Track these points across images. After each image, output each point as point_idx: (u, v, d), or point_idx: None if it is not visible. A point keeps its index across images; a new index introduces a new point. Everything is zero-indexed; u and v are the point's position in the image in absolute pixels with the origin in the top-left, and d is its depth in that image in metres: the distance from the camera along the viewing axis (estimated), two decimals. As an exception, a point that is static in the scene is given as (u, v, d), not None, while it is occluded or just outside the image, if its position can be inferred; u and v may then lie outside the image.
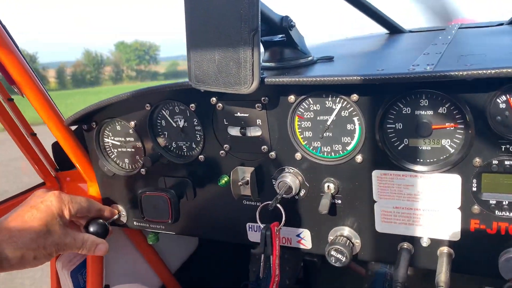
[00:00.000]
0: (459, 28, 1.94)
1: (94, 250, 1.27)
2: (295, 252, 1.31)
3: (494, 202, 1.00)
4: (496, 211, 1.00)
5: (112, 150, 1.48)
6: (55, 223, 1.17)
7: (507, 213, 0.99)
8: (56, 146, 1.61)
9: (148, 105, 1.31)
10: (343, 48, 1.74)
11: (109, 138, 1.46)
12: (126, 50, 48.73)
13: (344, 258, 1.13)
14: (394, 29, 2.12)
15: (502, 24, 1.96)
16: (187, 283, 2.13)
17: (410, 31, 2.13)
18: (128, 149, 1.45)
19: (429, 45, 1.39)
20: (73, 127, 1.52)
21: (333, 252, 1.13)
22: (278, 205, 1.16)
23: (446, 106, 0.98)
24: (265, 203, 1.21)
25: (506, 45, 1.32)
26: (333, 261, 1.14)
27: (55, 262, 1.64)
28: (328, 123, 1.11)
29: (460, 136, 1.00)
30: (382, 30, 2.14)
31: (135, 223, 1.53)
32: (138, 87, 1.29)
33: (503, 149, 0.96)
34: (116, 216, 1.49)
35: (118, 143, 1.45)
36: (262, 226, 1.18)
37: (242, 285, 2.16)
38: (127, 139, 1.43)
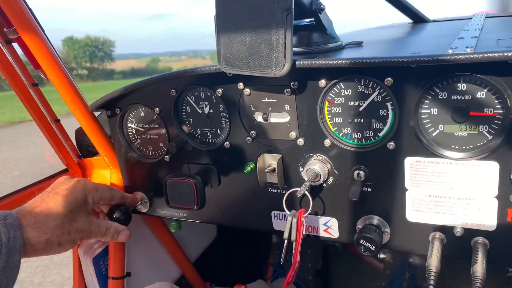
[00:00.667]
0: (486, 17, 1.89)
1: (117, 237, 1.27)
2: (318, 238, 1.29)
3: (534, 190, 0.96)
4: None
5: (136, 136, 1.47)
6: (79, 210, 1.17)
7: None
8: (79, 132, 1.60)
9: (173, 90, 1.30)
10: (369, 36, 1.71)
11: (133, 124, 1.45)
12: (75, 46, 44.67)
13: (374, 247, 1.10)
14: (418, 19, 2.08)
15: None
16: (206, 273, 2.13)
17: (434, 21, 2.09)
18: (152, 136, 1.43)
19: (460, 31, 1.35)
20: (97, 114, 1.52)
21: (362, 241, 1.11)
22: (306, 192, 1.14)
23: (485, 90, 0.95)
24: (292, 190, 1.19)
25: None
26: (362, 250, 1.11)
27: (77, 250, 1.65)
28: (361, 108, 1.08)
29: (499, 122, 0.96)
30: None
31: (157, 210, 1.52)
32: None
33: None
34: (138, 204, 1.49)
35: (142, 130, 1.44)
36: (288, 213, 1.16)
37: (264, 267, 2.15)
38: (151, 125, 1.42)
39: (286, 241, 1.15)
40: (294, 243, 1.14)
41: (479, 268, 0.96)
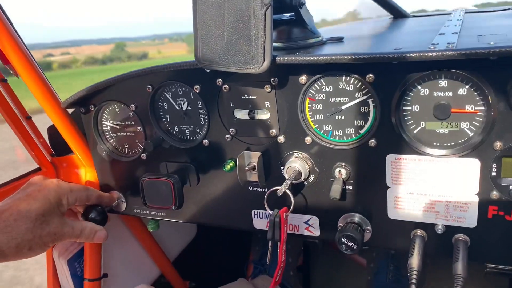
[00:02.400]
0: (465, 13, 1.90)
1: (93, 238, 1.23)
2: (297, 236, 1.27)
3: (515, 187, 0.96)
4: None
5: (111, 134, 1.42)
6: (52, 213, 1.12)
7: None
8: (52, 130, 1.54)
9: (149, 86, 1.26)
10: (349, 31, 1.69)
11: (108, 121, 1.40)
12: None
13: (355, 245, 1.08)
14: (398, 14, 2.07)
15: (508, 9, 1.93)
16: (185, 272, 2.09)
17: (414, 16, 2.09)
18: (127, 133, 1.39)
19: (441, 26, 1.35)
20: (70, 110, 1.46)
21: (343, 239, 1.09)
22: (287, 191, 1.12)
23: (467, 87, 0.94)
24: (273, 189, 1.16)
25: None
26: (344, 249, 1.10)
27: (52, 251, 1.59)
28: (344, 107, 1.06)
29: (480, 119, 0.95)
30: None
31: (134, 210, 1.48)
32: None
33: None
34: (115, 203, 1.45)
35: (118, 127, 1.40)
36: (270, 212, 1.13)
37: (245, 265, 2.13)
38: (127, 122, 1.37)
39: (270, 241, 1.13)
40: (278, 243, 1.12)
41: (460, 266, 0.95)
